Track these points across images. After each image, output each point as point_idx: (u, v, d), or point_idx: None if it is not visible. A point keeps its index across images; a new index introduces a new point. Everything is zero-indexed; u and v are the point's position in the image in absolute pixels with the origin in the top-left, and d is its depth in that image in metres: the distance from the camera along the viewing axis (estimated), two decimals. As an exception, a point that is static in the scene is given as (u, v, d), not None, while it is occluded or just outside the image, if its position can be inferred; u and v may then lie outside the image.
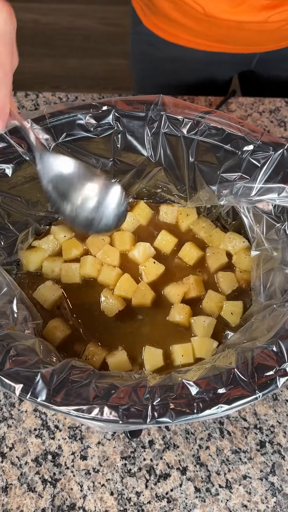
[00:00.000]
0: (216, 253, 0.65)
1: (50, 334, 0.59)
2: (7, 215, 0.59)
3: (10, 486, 0.56)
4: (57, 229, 0.66)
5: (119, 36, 2.12)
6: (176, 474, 0.57)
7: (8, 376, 0.43)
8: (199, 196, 0.62)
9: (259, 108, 0.85)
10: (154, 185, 0.66)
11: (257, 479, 0.56)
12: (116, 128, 0.59)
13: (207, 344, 0.58)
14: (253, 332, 0.52)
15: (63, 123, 0.57)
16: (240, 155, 0.56)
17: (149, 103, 0.57)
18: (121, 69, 2.03)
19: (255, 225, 0.58)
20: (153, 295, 0.63)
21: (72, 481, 0.56)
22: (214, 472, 0.57)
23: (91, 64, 2.09)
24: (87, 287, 0.64)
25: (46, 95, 0.85)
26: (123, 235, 0.66)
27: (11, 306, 0.51)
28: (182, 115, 0.56)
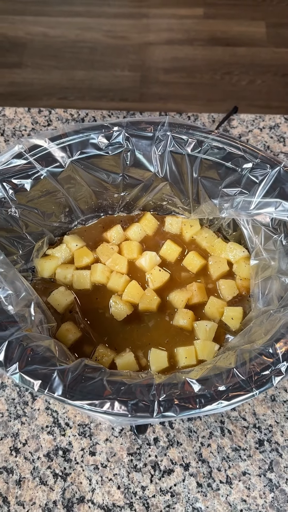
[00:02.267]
0: (218, 262, 0.65)
1: (62, 336, 0.60)
2: (25, 225, 0.61)
3: (23, 479, 0.57)
4: (70, 239, 0.67)
5: (124, 49, 2.16)
6: (179, 470, 0.58)
7: (28, 373, 0.45)
8: (202, 208, 0.63)
9: (260, 125, 0.86)
10: (160, 198, 0.67)
11: (255, 475, 0.58)
12: (126, 147, 0.60)
13: (209, 347, 0.59)
14: (252, 336, 0.53)
15: (77, 142, 0.59)
16: (240, 172, 0.57)
17: (156, 124, 0.59)
18: (126, 80, 2.07)
19: (254, 236, 0.59)
20: (158, 301, 0.63)
21: (81, 476, 0.57)
22: (215, 468, 0.58)
23: (98, 75, 2.10)
24: (97, 292, 0.65)
25: (58, 111, 0.86)
26: (131, 244, 0.67)
27: (29, 310, 0.52)
28: (186, 135, 0.58)
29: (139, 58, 2.14)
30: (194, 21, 2.26)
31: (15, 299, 0.51)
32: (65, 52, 2.17)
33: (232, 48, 2.19)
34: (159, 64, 2.12)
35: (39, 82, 2.10)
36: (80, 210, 0.68)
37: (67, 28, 2.25)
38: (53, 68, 2.13)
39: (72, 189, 0.64)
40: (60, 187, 0.62)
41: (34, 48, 2.18)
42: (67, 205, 0.66)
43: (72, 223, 0.69)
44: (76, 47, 2.18)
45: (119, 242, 0.68)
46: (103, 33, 2.23)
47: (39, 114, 0.86)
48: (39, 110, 0.86)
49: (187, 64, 2.13)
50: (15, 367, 0.45)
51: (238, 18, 2.26)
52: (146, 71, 2.11)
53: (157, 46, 2.19)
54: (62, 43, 2.20)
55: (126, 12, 2.30)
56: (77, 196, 0.65)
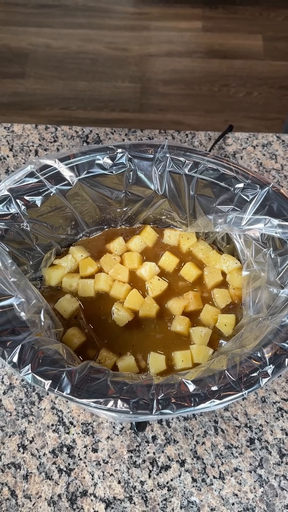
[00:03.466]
0: (213, 272, 0.66)
1: (68, 340, 0.61)
2: (35, 238, 0.62)
3: (30, 474, 0.58)
4: (75, 250, 0.68)
5: (125, 60, 2.19)
6: (175, 466, 0.59)
7: (39, 374, 0.47)
8: (198, 223, 0.65)
9: (253, 142, 0.88)
10: (160, 213, 0.69)
11: (246, 471, 0.59)
12: (128, 167, 0.62)
13: (204, 351, 0.60)
14: (243, 341, 0.56)
15: (84, 163, 0.60)
16: (233, 191, 0.59)
17: (156, 147, 0.61)
18: (127, 91, 2.09)
19: (246, 249, 0.61)
20: (157, 308, 0.64)
21: (84, 471, 0.58)
22: (209, 464, 0.59)
23: (99, 86, 2.11)
24: (100, 300, 0.65)
25: (64, 128, 0.89)
26: (132, 255, 0.68)
27: (39, 316, 0.54)
28: (184, 157, 0.60)
29: (139, 70, 2.16)
30: (193, 34, 2.29)
31: (26, 306, 0.53)
32: (67, 63, 2.19)
33: (230, 61, 2.21)
34: (159, 76, 2.14)
35: (41, 92, 2.11)
36: (85, 223, 0.69)
37: (69, 39, 2.26)
38: (55, 78, 2.14)
39: (78, 205, 0.65)
40: (67, 203, 0.64)
41: (37, 59, 2.20)
42: (73, 219, 0.67)
43: (77, 235, 0.70)
44: (78, 58, 2.20)
45: (121, 253, 0.69)
46: (105, 44, 2.25)
47: (46, 131, 0.89)
48: (46, 127, 0.89)
49: (186, 76, 2.15)
50: (28, 368, 0.47)
51: (235, 32, 2.29)
52: (146, 83, 2.13)
53: (157, 58, 2.21)
54: (65, 54, 2.22)
55: (127, 24, 2.32)
56: (83, 211, 0.67)
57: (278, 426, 0.62)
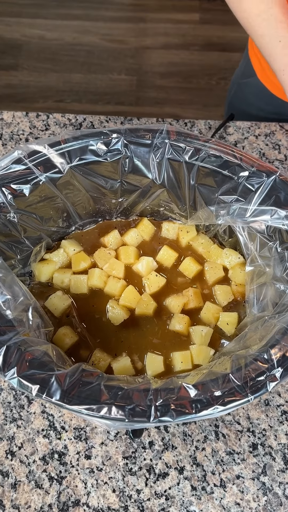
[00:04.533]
0: (214, 268, 0.65)
1: (59, 340, 0.60)
2: (23, 230, 0.61)
3: (19, 483, 0.57)
4: (67, 243, 0.67)
5: (121, 53, 2.17)
6: (174, 473, 0.57)
7: (26, 377, 0.45)
8: (199, 215, 0.63)
9: (255, 132, 0.86)
10: (157, 204, 0.67)
11: (249, 479, 0.57)
12: (124, 154, 0.60)
13: (205, 352, 0.59)
14: (247, 341, 0.53)
15: (76, 149, 0.58)
16: (237, 180, 0.57)
17: (154, 132, 0.59)
18: (122, 84, 2.08)
19: (250, 243, 0.59)
20: (155, 306, 0.63)
21: (77, 479, 0.57)
22: (209, 472, 0.58)
23: (95, 79, 2.10)
24: (94, 297, 0.64)
25: (56, 116, 0.86)
26: (128, 249, 0.67)
27: (27, 314, 0.52)
28: (184, 143, 0.58)
29: (135, 62, 2.15)
30: (191, 26, 2.28)
31: (13, 304, 0.51)
32: (62, 55, 2.17)
33: (228, 54, 2.20)
34: (156, 69, 2.13)
35: (35, 84, 2.09)
36: (78, 215, 0.68)
37: (64, 31, 2.25)
38: (49, 70, 2.13)
39: (70, 195, 0.63)
40: (58, 193, 0.62)
41: (31, 51, 2.18)
42: (65, 210, 0.65)
43: (69, 228, 0.69)
44: (73, 50, 2.19)
45: (116, 247, 0.68)
46: (100, 36, 2.23)
47: (37, 119, 0.86)
48: (37, 114, 0.86)
49: (183, 69, 2.14)
50: (13, 371, 0.45)
51: (234, 24, 2.23)
52: (143, 75, 2.12)
53: (154, 50, 2.20)
54: (59, 46, 2.20)
55: (124, 16, 2.31)
56: (75, 202, 0.65)
57: (282, 430, 0.61)
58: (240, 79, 0.93)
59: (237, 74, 0.97)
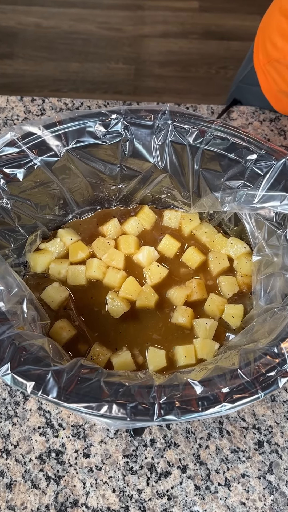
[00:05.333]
0: (218, 258, 0.64)
1: (56, 334, 0.59)
2: (17, 218, 0.59)
3: (14, 482, 0.56)
4: (64, 232, 0.66)
5: (119, 41, 2.15)
6: (176, 472, 0.57)
7: (20, 374, 0.43)
8: (203, 202, 0.62)
9: (260, 117, 0.84)
10: (159, 191, 0.66)
11: (255, 477, 0.57)
12: (124, 136, 0.59)
13: (209, 346, 0.58)
14: (254, 335, 0.52)
15: (73, 130, 0.57)
16: (244, 164, 0.56)
17: (156, 113, 0.57)
18: (120, 73, 2.06)
19: (257, 231, 0.58)
20: (156, 298, 0.62)
21: (75, 478, 0.56)
22: (213, 470, 0.57)
23: (92, 68, 2.09)
24: (92, 289, 0.64)
25: (52, 101, 0.84)
26: (128, 239, 0.66)
27: (22, 307, 0.51)
28: (188, 125, 0.56)
29: (133, 51, 2.14)
30: (189, 14, 2.27)
31: (6, 296, 0.49)
32: (58, 43, 2.15)
33: (227, 42, 2.19)
34: (154, 57, 2.12)
35: (31, 73, 2.07)
36: (75, 203, 0.66)
37: (61, 19, 2.23)
38: (45, 59, 2.11)
39: (67, 180, 0.62)
40: (54, 178, 0.60)
41: (26, 39, 2.16)
42: (61, 197, 0.64)
43: (66, 216, 0.68)
44: (69, 39, 2.17)
45: (115, 237, 0.67)
46: (97, 24, 2.21)
47: (32, 103, 0.85)
48: (32, 98, 0.85)
49: (182, 58, 2.13)
50: (7, 367, 0.44)
51: (233, 12, 2.26)
52: (141, 64, 2.10)
53: (152, 39, 2.18)
54: (55, 34, 2.18)
55: (121, 3, 2.29)
56: (72, 188, 0.63)
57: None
58: (241, 82, 0.92)
59: (238, 76, 0.96)
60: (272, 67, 0.76)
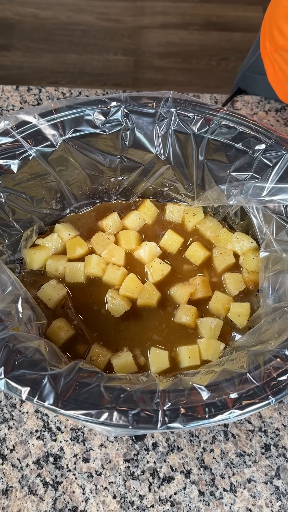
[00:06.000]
0: (223, 254, 0.64)
1: (53, 334, 0.58)
2: (11, 212, 0.58)
3: (10, 489, 0.55)
4: (62, 227, 0.65)
5: (118, 32, 2.14)
6: (180, 477, 0.56)
7: (15, 379, 0.42)
8: (207, 195, 0.61)
9: (265, 107, 0.83)
10: (161, 184, 0.65)
11: (261, 482, 0.56)
12: (124, 125, 0.58)
13: (214, 346, 0.57)
14: (263, 335, 0.51)
15: (70, 119, 0.56)
16: (252, 154, 0.55)
17: (159, 100, 0.56)
18: (119, 65, 2.05)
19: (265, 226, 0.56)
20: (159, 296, 0.62)
21: (74, 484, 0.55)
22: (218, 475, 0.56)
23: (90, 59, 2.08)
24: (91, 286, 0.63)
25: (49, 90, 0.83)
26: (128, 234, 0.65)
27: (16, 306, 0.49)
28: (192, 113, 0.55)
29: (132, 42, 2.13)
30: (190, 5, 2.25)
31: (0, 295, 0.49)
32: (56, 34, 2.15)
33: (228, 33, 2.18)
34: (154, 49, 2.11)
35: (29, 65, 2.07)
36: (73, 196, 0.65)
37: (59, 9, 2.22)
38: (43, 51, 2.10)
39: (65, 172, 0.61)
40: (51, 170, 0.59)
41: (24, 30, 2.15)
42: (58, 190, 0.63)
43: (64, 210, 0.67)
44: (67, 30, 2.16)
45: (115, 232, 0.67)
46: (96, 15, 2.21)
47: (28, 93, 0.83)
48: (28, 88, 0.84)
49: (182, 49, 2.12)
50: (0, 372, 0.42)
51: (234, 3, 2.25)
52: (140, 56, 2.10)
53: (152, 30, 2.18)
54: (53, 25, 2.17)
55: None
56: (70, 180, 0.63)
57: (297, 430, 0.60)
58: (247, 71, 0.90)
59: (244, 64, 0.94)
60: (279, 56, 0.74)
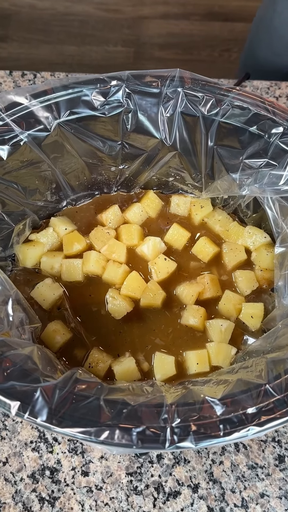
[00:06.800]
0: (234, 249, 0.63)
1: (49, 338, 0.57)
2: (1, 204, 0.57)
3: (3, 505, 0.53)
4: (57, 221, 0.64)
5: (117, 23, 2.13)
6: (187, 491, 0.54)
7: (3, 392, 0.40)
8: (217, 185, 0.59)
9: (275, 93, 0.81)
10: (166, 173, 0.63)
11: (275, 497, 0.54)
12: (126, 106, 0.56)
13: (225, 351, 0.56)
14: (280, 339, 0.48)
15: (66, 100, 0.54)
16: (268, 139, 0.53)
17: (164, 78, 0.54)
18: (119, 56, 2.05)
19: (280, 219, 0.54)
20: (164, 296, 0.60)
21: (72, 500, 0.53)
22: (228, 489, 0.54)
23: (89, 51, 2.08)
24: (90, 285, 0.62)
25: (44, 75, 0.81)
26: (130, 228, 0.64)
27: (6, 308, 0.47)
28: (202, 92, 0.53)
29: (132, 33, 2.13)
30: None
31: None
32: (54, 25, 2.15)
33: (231, 24, 2.18)
34: (154, 40, 2.11)
35: (26, 57, 2.08)
36: (70, 187, 0.64)
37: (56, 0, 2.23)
38: (41, 42, 2.10)
39: (60, 160, 0.59)
40: (44, 157, 0.57)
41: (21, 21, 2.16)
42: (53, 180, 0.61)
43: (60, 202, 0.65)
44: (65, 20, 2.16)
45: (116, 226, 0.65)
46: (95, 5, 2.20)
47: (22, 78, 0.81)
48: (23, 73, 0.81)
49: (184, 40, 2.12)
50: None
51: None
52: (140, 47, 2.10)
53: (152, 20, 2.18)
54: (51, 15, 2.17)
55: None
56: (66, 169, 0.61)
57: (314, 440, 0.58)
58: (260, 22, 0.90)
59: (256, 19, 0.94)
60: None
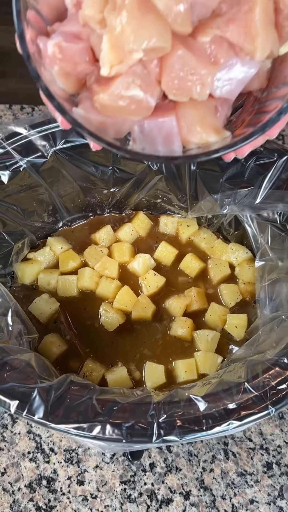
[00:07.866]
0: (219, 265, 0.65)
1: (46, 349, 0.58)
2: (2, 224, 0.59)
3: None
4: (54, 241, 0.66)
5: None
6: (179, 499, 0.54)
7: (3, 392, 0.41)
8: (201, 206, 0.61)
9: None
10: (154, 195, 0.66)
11: (264, 503, 0.54)
12: None
13: (211, 359, 0.57)
14: (261, 345, 0.50)
15: (61, 130, 0.56)
16: (244, 162, 0.55)
17: None
18: None
19: (259, 235, 0.57)
20: (153, 308, 0.62)
21: (68, 508, 0.53)
22: (219, 496, 0.54)
23: None
24: (85, 300, 0.63)
25: (42, 108, 0.85)
26: (122, 246, 0.66)
27: (6, 319, 0.49)
28: None
29: None
30: None
31: None
32: None
33: None
34: None
35: (24, 91, 2.13)
36: (66, 209, 0.66)
37: None
38: None
39: (56, 184, 0.62)
40: (42, 182, 0.60)
41: (19, 58, 2.17)
42: (50, 203, 0.63)
43: (57, 223, 0.67)
44: None
45: (109, 244, 0.67)
46: None
47: (21, 111, 0.85)
48: (21, 107, 0.85)
49: None
50: None
51: None
52: None
53: None
54: None
55: None
56: (62, 193, 0.63)
57: (300, 447, 0.59)
58: None
59: None
60: None
